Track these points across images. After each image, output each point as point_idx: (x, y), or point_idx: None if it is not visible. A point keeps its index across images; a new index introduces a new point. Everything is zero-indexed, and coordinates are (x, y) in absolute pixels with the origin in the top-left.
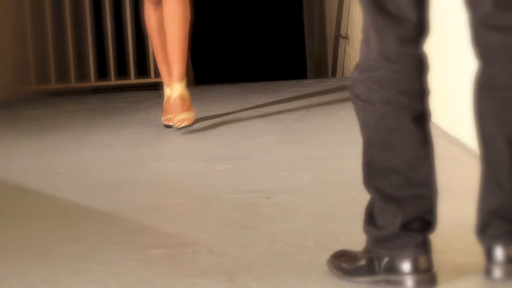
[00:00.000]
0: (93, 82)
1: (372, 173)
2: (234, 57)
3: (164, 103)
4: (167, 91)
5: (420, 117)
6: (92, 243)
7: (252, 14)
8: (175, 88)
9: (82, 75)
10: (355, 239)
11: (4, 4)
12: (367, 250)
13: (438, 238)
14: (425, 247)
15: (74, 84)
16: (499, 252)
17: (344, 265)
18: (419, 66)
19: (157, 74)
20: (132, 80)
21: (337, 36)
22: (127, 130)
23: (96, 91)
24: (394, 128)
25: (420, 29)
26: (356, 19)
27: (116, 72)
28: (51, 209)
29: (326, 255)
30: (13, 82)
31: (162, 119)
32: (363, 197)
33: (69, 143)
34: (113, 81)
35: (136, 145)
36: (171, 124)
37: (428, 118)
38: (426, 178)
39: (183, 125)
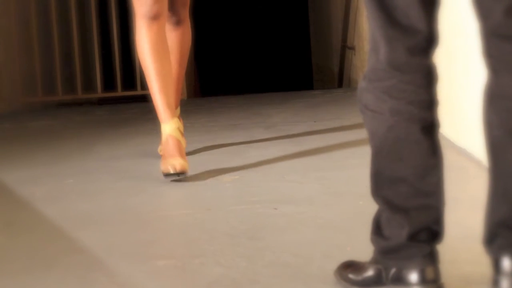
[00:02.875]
0: (99, 93)
1: (380, 183)
2: (240, 68)
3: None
4: (166, 129)
5: (429, 127)
6: (99, 254)
7: (258, 24)
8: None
9: (88, 86)
10: (362, 249)
11: (11, 16)
12: (375, 261)
13: (445, 249)
14: (432, 258)
15: (80, 95)
16: (506, 263)
17: (351, 275)
18: (429, 76)
19: None
20: (139, 91)
21: (344, 46)
22: (133, 141)
23: (102, 102)
24: (403, 138)
25: (429, 39)
26: (362, 30)
27: (123, 83)
28: (58, 220)
29: (334, 266)
30: (20, 93)
31: (162, 167)
32: (370, 208)
33: (76, 154)
34: (119, 92)
35: (142, 156)
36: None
37: (437, 128)
38: (434, 188)
39: (174, 171)
